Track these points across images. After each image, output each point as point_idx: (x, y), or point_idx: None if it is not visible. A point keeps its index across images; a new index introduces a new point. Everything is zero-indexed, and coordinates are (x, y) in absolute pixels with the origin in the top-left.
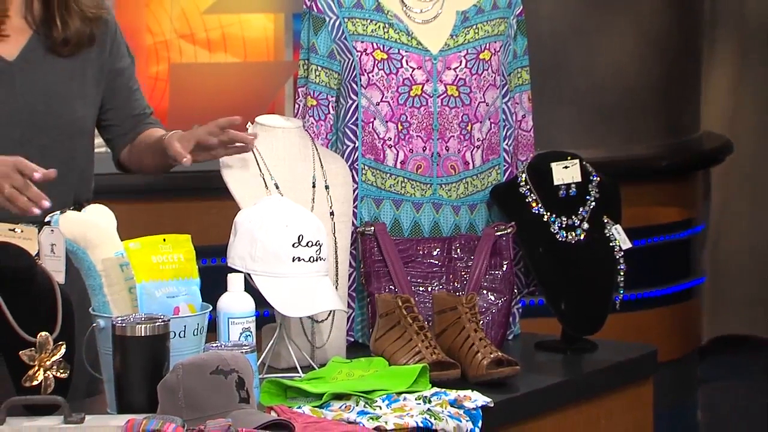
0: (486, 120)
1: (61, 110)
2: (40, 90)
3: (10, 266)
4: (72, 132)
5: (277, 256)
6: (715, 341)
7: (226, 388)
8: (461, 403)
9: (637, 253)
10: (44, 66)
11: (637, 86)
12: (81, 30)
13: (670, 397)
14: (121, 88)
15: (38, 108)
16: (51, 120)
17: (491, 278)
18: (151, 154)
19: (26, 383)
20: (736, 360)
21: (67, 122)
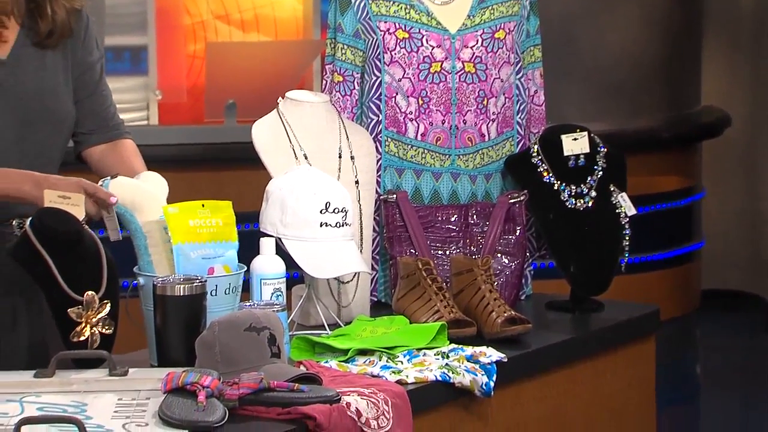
0: (501, 95)
1: (54, 106)
2: (32, 87)
3: (59, 230)
4: (63, 127)
5: (306, 221)
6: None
7: (258, 344)
8: (477, 359)
9: (641, 219)
10: (34, 61)
11: (641, 64)
12: (65, 21)
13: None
14: (89, 83)
15: (32, 106)
16: (45, 116)
17: (505, 242)
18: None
19: (74, 339)
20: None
21: (60, 118)
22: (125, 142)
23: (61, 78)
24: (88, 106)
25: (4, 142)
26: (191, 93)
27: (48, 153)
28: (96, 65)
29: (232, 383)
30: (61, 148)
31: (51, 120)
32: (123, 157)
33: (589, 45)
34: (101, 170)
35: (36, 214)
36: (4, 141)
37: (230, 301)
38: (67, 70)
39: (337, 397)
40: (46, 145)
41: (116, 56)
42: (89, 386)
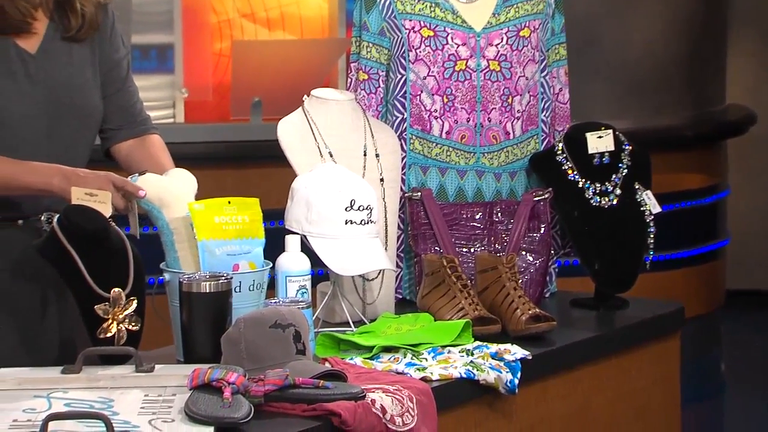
0: (526, 93)
1: (82, 101)
2: (62, 82)
3: (86, 227)
4: (90, 122)
5: (331, 219)
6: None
7: (284, 341)
8: (502, 356)
9: (665, 217)
10: (62, 56)
11: (666, 62)
12: (93, 15)
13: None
14: (116, 79)
15: (62, 100)
16: (74, 111)
17: (529, 240)
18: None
19: (101, 335)
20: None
21: (88, 113)
22: (153, 138)
23: (89, 73)
24: (116, 102)
25: (35, 135)
26: (217, 91)
27: (76, 148)
28: (122, 61)
29: (258, 380)
30: (89, 143)
31: (79, 114)
32: (150, 152)
33: (613, 43)
34: (129, 166)
35: (63, 212)
36: (36, 134)
37: (255, 297)
38: (94, 65)
39: (362, 394)
40: (74, 139)
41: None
42: (116, 382)
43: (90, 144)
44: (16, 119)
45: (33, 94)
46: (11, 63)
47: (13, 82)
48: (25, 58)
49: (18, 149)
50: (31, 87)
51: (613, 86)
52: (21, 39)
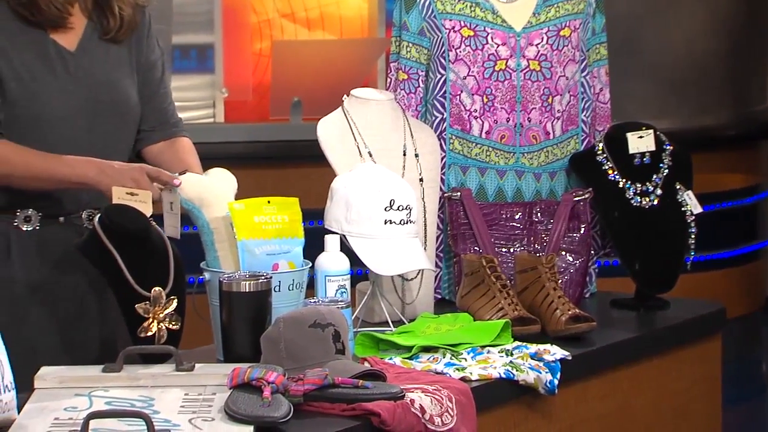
0: (566, 93)
1: (121, 98)
2: (100, 79)
3: (127, 227)
4: (129, 120)
5: (371, 218)
6: None
7: (323, 341)
8: (541, 356)
9: (706, 217)
10: (101, 54)
11: (707, 60)
12: (132, 16)
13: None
14: (151, 81)
15: (101, 97)
16: (113, 108)
17: (569, 240)
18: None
19: (141, 334)
20: None
21: (127, 111)
22: (182, 140)
23: (126, 71)
24: (151, 103)
25: (76, 132)
26: (257, 91)
27: (115, 145)
28: (158, 63)
29: (297, 379)
30: (128, 141)
31: (118, 111)
32: (179, 154)
33: (654, 42)
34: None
35: (104, 211)
36: (77, 130)
37: (294, 297)
38: (131, 64)
39: (401, 394)
40: (114, 136)
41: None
42: (156, 381)
43: (129, 142)
44: (56, 116)
45: (73, 90)
46: (51, 60)
47: (54, 79)
48: (65, 55)
49: (58, 146)
50: (71, 84)
51: (654, 86)
52: (59, 36)
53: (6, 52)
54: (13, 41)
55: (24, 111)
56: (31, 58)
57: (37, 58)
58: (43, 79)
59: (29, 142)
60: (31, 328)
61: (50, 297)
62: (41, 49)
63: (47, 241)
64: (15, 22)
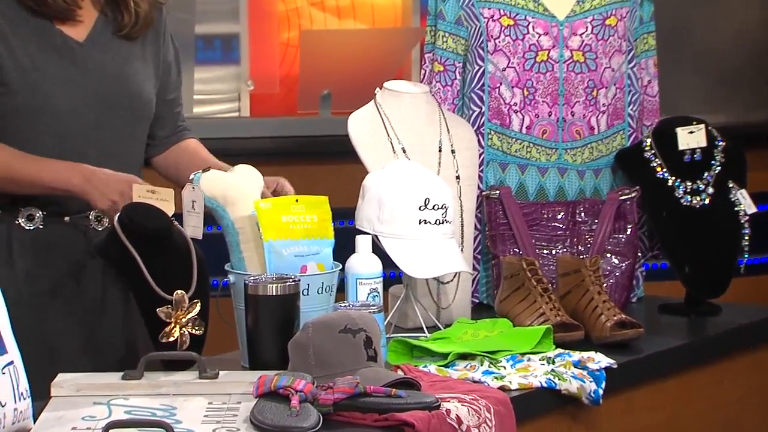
0: (611, 85)
1: (133, 92)
2: (111, 72)
3: (148, 227)
4: (142, 114)
5: (404, 218)
6: None
7: (354, 347)
8: (585, 364)
9: (761, 218)
10: (112, 48)
11: (760, 51)
12: (148, 13)
13: None
14: (167, 84)
15: (111, 90)
16: (124, 102)
17: (615, 241)
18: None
19: (163, 339)
20: None
21: (139, 105)
22: (191, 141)
23: (140, 66)
24: (167, 108)
25: (83, 126)
26: (284, 83)
27: (126, 141)
28: (173, 65)
29: (327, 387)
30: (141, 138)
31: (130, 106)
32: (188, 148)
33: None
34: (172, 172)
35: (124, 210)
36: (84, 125)
37: (324, 301)
38: (144, 59)
39: (437, 404)
40: (124, 132)
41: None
42: (179, 389)
43: (142, 140)
44: (61, 108)
45: (80, 82)
46: (56, 49)
47: (59, 69)
48: (72, 46)
49: (66, 139)
50: (78, 75)
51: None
52: (67, 27)
53: (7, 40)
54: (15, 29)
55: (25, 102)
56: (34, 48)
57: (41, 48)
58: (46, 69)
59: (32, 136)
60: (48, 332)
61: (66, 300)
62: (46, 39)
63: (53, 242)
64: (20, 10)
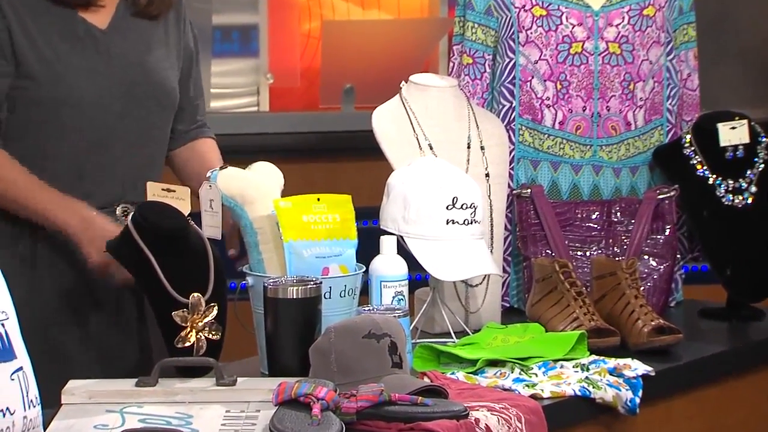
0: (649, 79)
1: (157, 81)
2: (135, 60)
3: (163, 227)
4: (167, 104)
5: (431, 218)
6: None
7: (378, 353)
8: (621, 372)
9: None
10: (134, 34)
11: None
12: None
13: None
14: (186, 75)
15: (136, 79)
16: (149, 91)
17: (653, 243)
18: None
19: (178, 344)
20: None
21: (163, 93)
22: (205, 141)
23: (162, 52)
24: (187, 99)
25: (109, 115)
26: (305, 76)
27: (151, 132)
28: (194, 54)
29: (350, 395)
30: (165, 129)
31: (155, 94)
32: (202, 153)
33: (748, 22)
34: (180, 171)
35: (138, 208)
36: (110, 114)
37: (347, 304)
38: (168, 46)
39: (465, 412)
40: (149, 122)
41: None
42: (195, 397)
43: (166, 131)
44: (85, 100)
45: (105, 71)
46: (79, 39)
47: (82, 59)
48: (95, 34)
49: (90, 131)
50: (102, 64)
51: (748, 71)
52: (89, 14)
53: (29, 32)
54: (37, 20)
55: (48, 94)
56: (56, 38)
57: (63, 38)
58: (69, 59)
59: (57, 129)
60: (61, 335)
61: (82, 301)
62: (68, 28)
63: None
64: (40, 0)
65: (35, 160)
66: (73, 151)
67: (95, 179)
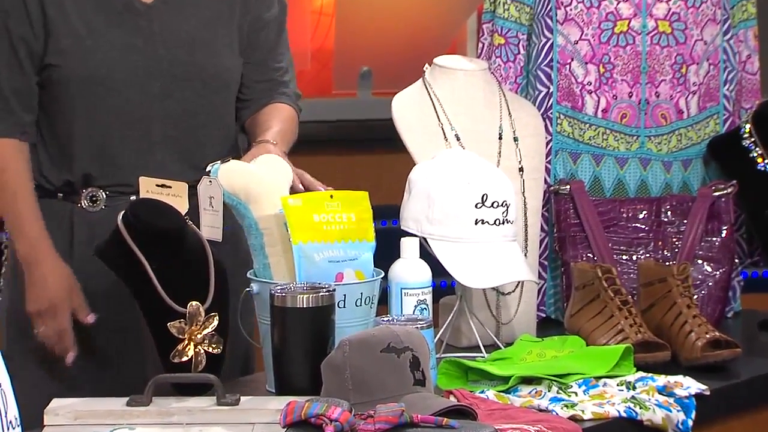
0: (703, 61)
1: (206, 60)
2: (182, 37)
3: (158, 227)
4: (217, 85)
5: (458, 218)
6: None
7: (398, 369)
8: (671, 390)
9: None
10: (186, 7)
11: None
12: None
13: None
14: (262, 44)
15: (180, 57)
16: (194, 71)
17: (707, 246)
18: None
19: (175, 359)
20: None
21: (212, 74)
22: (277, 105)
23: (220, 29)
24: (258, 71)
25: (147, 97)
26: (317, 58)
27: (199, 116)
28: (272, 23)
29: (366, 416)
30: (218, 111)
31: (203, 75)
32: (262, 118)
33: None
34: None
35: (129, 206)
36: (148, 96)
37: (363, 314)
38: (231, 21)
39: None
40: (194, 105)
41: None
42: (193, 417)
43: (220, 115)
44: (118, 78)
45: (144, 48)
46: (118, 13)
47: (119, 35)
48: (137, 8)
49: (125, 113)
50: (142, 41)
51: None
52: None
53: (62, 4)
54: None
55: (76, 71)
56: (91, 11)
57: (99, 11)
58: (103, 35)
59: (86, 110)
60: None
61: None
62: (106, 1)
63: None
64: None
65: (62, 143)
66: (103, 135)
67: (129, 166)
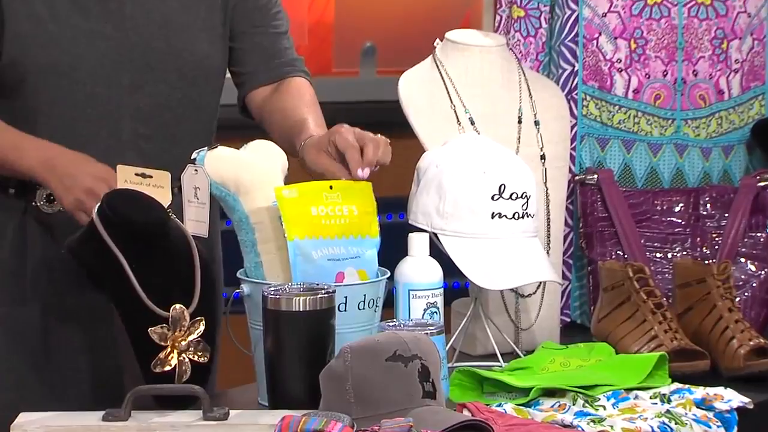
0: (747, 36)
1: (183, 47)
2: (156, 21)
3: (137, 221)
4: (195, 75)
5: (472, 211)
6: None
7: (406, 379)
8: (710, 404)
9: None
10: None
11: None
12: None
13: None
14: (252, 12)
15: (154, 45)
16: (170, 60)
17: (751, 242)
18: (284, 137)
19: (156, 368)
20: None
21: (190, 63)
22: (294, 80)
23: (201, 11)
24: (253, 40)
25: (114, 89)
26: (314, 33)
27: (174, 109)
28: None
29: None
30: (196, 103)
31: (178, 64)
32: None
33: None
34: (264, 120)
35: (105, 198)
36: (116, 88)
37: (367, 319)
38: (211, 3)
39: None
40: (169, 98)
41: None
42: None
43: (198, 104)
44: (82, 68)
45: (113, 35)
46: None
47: (84, 19)
48: None
49: (88, 106)
50: (111, 27)
51: None
52: None
53: None
54: None
55: (37, 60)
56: None
57: None
58: (66, 19)
59: (48, 102)
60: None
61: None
62: None
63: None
64: None
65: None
66: (69, 131)
67: None
